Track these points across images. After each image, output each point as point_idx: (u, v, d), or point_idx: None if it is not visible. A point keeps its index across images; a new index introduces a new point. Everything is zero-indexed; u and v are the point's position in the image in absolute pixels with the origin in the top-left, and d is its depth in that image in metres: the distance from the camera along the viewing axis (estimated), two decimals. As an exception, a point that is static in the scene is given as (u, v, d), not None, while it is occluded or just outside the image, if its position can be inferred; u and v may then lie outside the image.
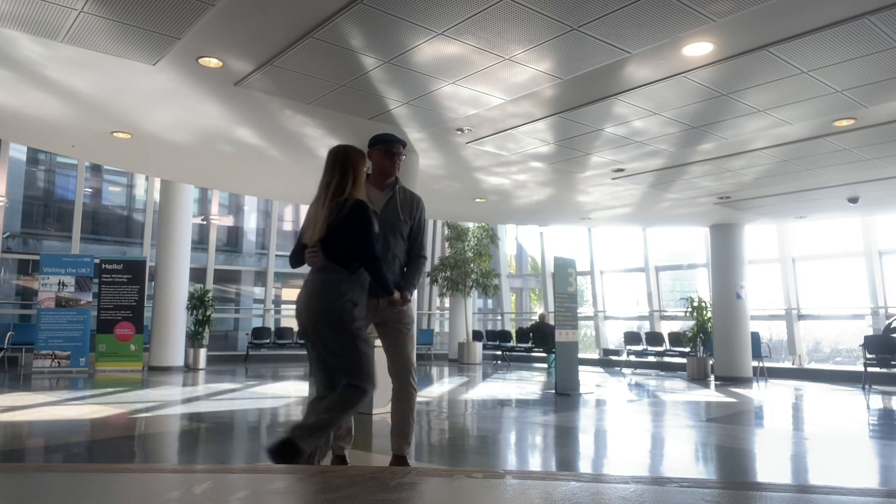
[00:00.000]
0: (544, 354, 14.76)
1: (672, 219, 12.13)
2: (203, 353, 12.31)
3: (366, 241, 3.09)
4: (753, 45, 4.69)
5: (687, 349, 12.50)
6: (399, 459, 3.47)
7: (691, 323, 12.52)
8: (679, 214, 11.48)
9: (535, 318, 16.16)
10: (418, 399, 3.56)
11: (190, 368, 12.03)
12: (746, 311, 11.97)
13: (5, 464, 3.99)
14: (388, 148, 3.50)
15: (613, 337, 16.06)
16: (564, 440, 5.62)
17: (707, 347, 12.21)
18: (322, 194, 3.14)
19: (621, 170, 8.37)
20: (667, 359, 13.73)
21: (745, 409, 7.88)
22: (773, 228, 13.00)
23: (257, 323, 16.01)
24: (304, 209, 18.90)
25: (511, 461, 4.75)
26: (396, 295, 3.32)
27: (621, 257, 16.21)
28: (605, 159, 7.86)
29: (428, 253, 3.70)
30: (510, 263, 20.08)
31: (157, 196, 13.31)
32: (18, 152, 14.71)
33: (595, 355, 15.81)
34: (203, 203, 16.32)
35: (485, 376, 11.89)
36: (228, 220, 18.22)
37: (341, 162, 3.17)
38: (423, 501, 2.47)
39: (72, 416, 6.40)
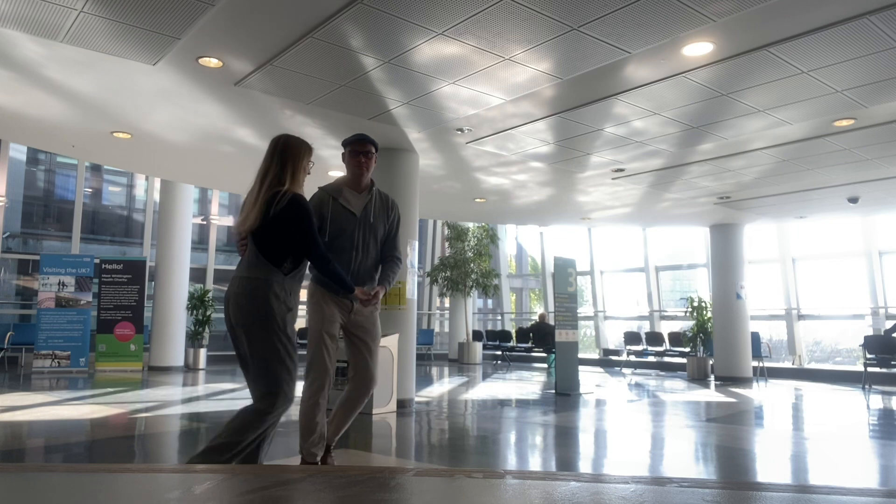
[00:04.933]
0: (544, 354, 14.76)
1: (672, 219, 12.12)
2: (203, 353, 12.31)
3: (309, 239, 2.94)
4: (753, 45, 4.69)
5: (687, 349, 12.51)
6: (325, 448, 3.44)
7: (691, 323, 12.52)
8: (679, 214, 11.48)
9: (535, 318, 16.16)
10: (418, 399, 3.58)
11: (190, 368, 12.03)
12: (746, 311, 11.97)
13: (5, 464, 3.99)
14: (354, 148, 3.45)
15: (613, 337, 16.06)
16: (564, 440, 5.62)
17: (707, 347, 12.21)
18: (257, 185, 2.95)
19: (621, 170, 8.36)
20: (667, 359, 13.73)
21: (745, 409, 7.88)
22: (773, 228, 13.00)
23: (257, 323, 15.98)
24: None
25: (511, 461, 4.75)
26: (359, 291, 3.22)
27: (621, 257, 16.22)
28: (605, 159, 7.86)
29: (401, 254, 3.64)
30: (510, 263, 20.08)
31: (157, 196, 13.30)
32: (18, 152, 14.71)
33: (595, 355, 15.81)
34: (203, 203, 16.32)
35: (485, 376, 11.89)
36: (228, 220, 18.21)
37: (281, 152, 2.98)
38: (423, 501, 2.47)
39: (72, 416, 6.40)
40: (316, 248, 2.98)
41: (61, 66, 5.36)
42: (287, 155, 2.99)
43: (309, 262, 3.11)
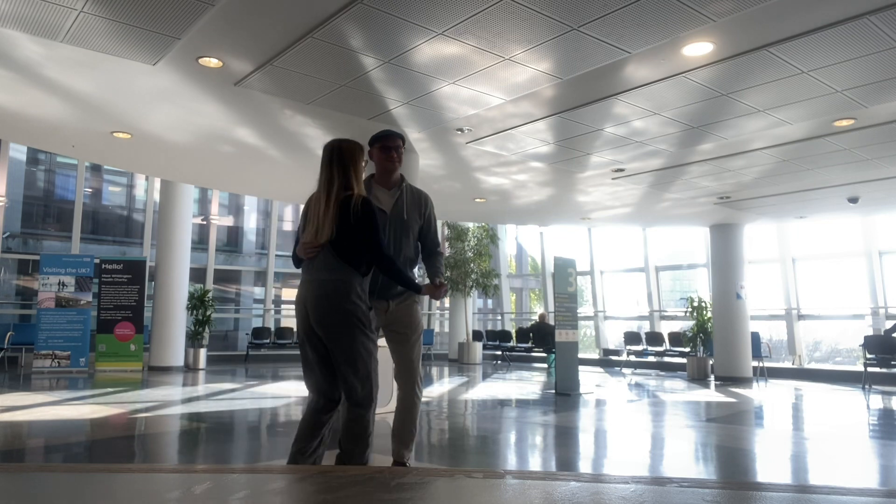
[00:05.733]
0: (544, 354, 14.76)
1: (672, 219, 12.12)
2: (203, 353, 12.31)
3: (377, 243, 3.00)
4: (753, 45, 4.69)
5: (687, 349, 12.50)
6: (398, 465, 3.45)
7: (691, 323, 12.52)
8: (679, 214, 11.47)
9: (535, 318, 16.16)
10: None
11: (190, 368, 12.02)
12: (746, 311, 11.97)
13: (5, 464, 3.99)
14: (385, 144, 3.43)
15: (613, 337, 16.06)
16: (564, 440, 5.62)
17: (707, 347, 12.20)
18: (325, 191, 3.01)
19: (621, 170, 8.36)
20: (667, 359, 13.72)
21: (745, 409, 7.87)
22: (773, 228, 13.00)
23: (257, 323, 16.00)
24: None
25: (511, 461, 4.75)
26: (426, 288, 3.29)
27: (621, 257, 16.22)
28: (605, 159, 7.86)
29: (442, 247, 3.65)
30: (510, 263, 20.07)
31: (157, 196, 13.31)
32: (18, 152, 14.71)
33: (595, 355, 15.81)
34: (203, 203, 16.32)
35: (485, 376, 11.89)
36: (228, 220, 18.21)
37: (339, 159, 3.06)
38: (423, 501, 2.47)
39: (72, 416, 6.40)
40: (383, 251, 3.05)
41: (61, 66, 5.36)
42: (346, 160, 3.07)
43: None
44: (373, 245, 3.00)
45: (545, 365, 14.83)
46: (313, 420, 3.05)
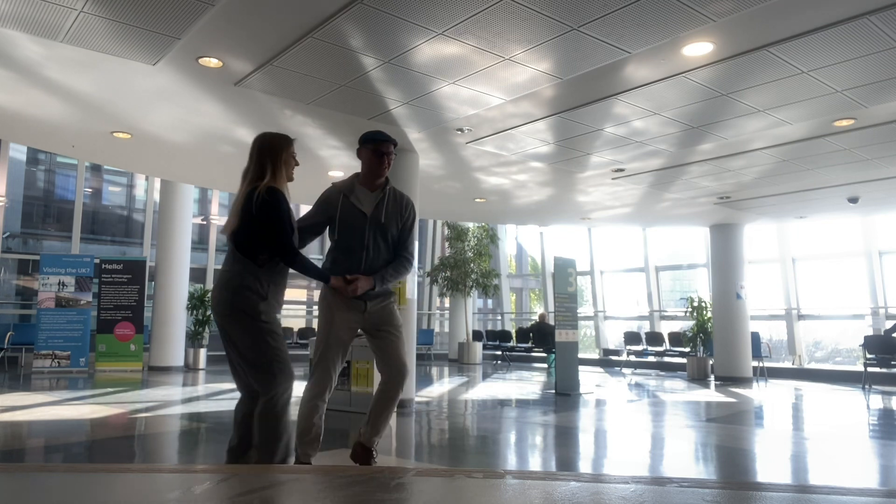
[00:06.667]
0: (544, 354, 14.76)
1: (672, 219, 12.12)
2: (203, 353, 12.30)
3: (277, 231, 2.95)
4: (753, 45, 4.69)
5: (687, 349, 12.50)
6: (365, 450, 3.42)
7: (691, 323, 12.52)
8: (679, 214, 11.47)
9: (535, 318, 16.16)
10: (418, 399, 3.56)
11: (190, 368, 12.02)
12: (746, 311, 11.97)
13: (5, 464, 3.99)
14: (378, 148, 3.39)
15: (613, 337, 16.06)
16: (564, 440, 5.62)
17: (707, 347, 12.21)
18: (239, 186, 3.08)
19: (621, 170, 8.36)
20: (667, 359, 13.73)
21: (745, 409, 7.87)
22: (773, 228, 13.00)
23: (257, 323, 15.98)
24: (303, 209, 18.94)
25: (511, 461, 4.75)
26: (334, 280, 3.22)
27: (621, 257, 16.22)
28: (605, 159, 7.86)
29: (414, 254, 3.57)
30: (510, 263, 20.07)
31: (157, 196, 13.31)
32: (18, 152, 14.72)
33: (595, 355, 15.81)
34: (203, 203, 16.32)
35: (485, 376, 11.89)
36: (228, 221, 18.19)
37: (258, 150, 3.08)
38: (423, 501, 2.47)
39: (72, 416, 6.40)
40: (280, 241, 2.99)
41: (61, 66, 5.36)
42: (264, 151, 3.10)
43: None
44: (271, 236, 2.96)
45: (545, 365, 14.83)
46: (242, 408, 3.13)
